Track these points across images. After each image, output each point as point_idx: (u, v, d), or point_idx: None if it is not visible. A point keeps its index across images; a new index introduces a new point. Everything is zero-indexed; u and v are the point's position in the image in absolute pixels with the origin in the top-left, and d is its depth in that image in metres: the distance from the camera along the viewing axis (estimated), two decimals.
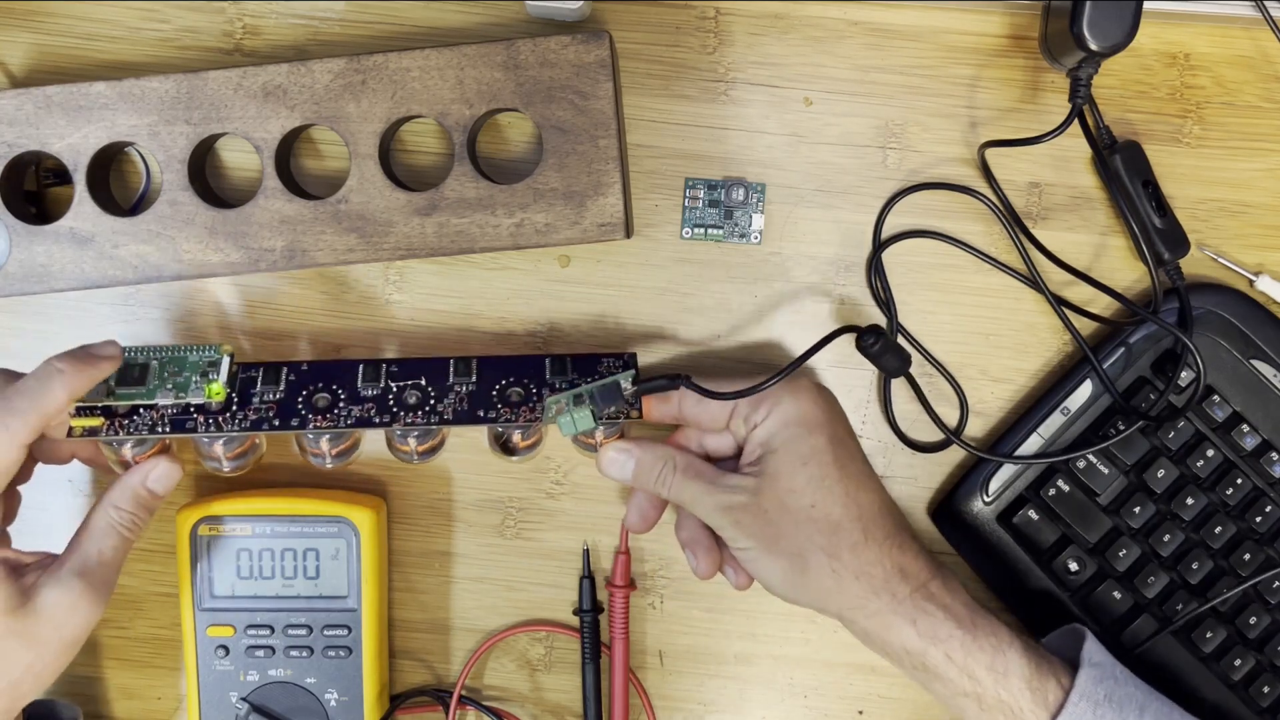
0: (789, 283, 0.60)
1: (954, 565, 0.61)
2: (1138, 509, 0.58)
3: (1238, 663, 0.58)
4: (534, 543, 0.61)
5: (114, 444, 0.53)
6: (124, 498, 0.52)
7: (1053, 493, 0.59)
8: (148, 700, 0.62)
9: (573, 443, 0.56)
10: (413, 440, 0.55)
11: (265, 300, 0.60)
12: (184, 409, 0.54)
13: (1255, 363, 0.59)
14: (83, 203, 0.56)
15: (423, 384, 0.55)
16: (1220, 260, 0.60)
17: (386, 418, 0.54)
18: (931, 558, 0.53)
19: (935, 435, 0.60)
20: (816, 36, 0.60)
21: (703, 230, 0.60)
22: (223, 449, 0.55)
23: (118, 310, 0.60)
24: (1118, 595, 0.58)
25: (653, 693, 0.62)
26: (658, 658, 0.62)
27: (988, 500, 0.59)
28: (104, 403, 0.53)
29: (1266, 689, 0.58)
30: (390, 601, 0.61)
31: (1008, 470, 0.59)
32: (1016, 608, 0.60)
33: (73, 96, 0.56)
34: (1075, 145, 0.59)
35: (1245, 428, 0.58)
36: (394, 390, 0.55)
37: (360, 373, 0.55)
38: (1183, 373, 0.58)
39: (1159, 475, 0.58)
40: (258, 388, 0.55)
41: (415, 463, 0.56)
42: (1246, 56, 0.60)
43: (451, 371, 0.56)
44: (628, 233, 0.56)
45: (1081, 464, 0.58)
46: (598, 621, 0.60)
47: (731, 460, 0.56)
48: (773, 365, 0.60)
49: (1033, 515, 0.59)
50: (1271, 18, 0.57)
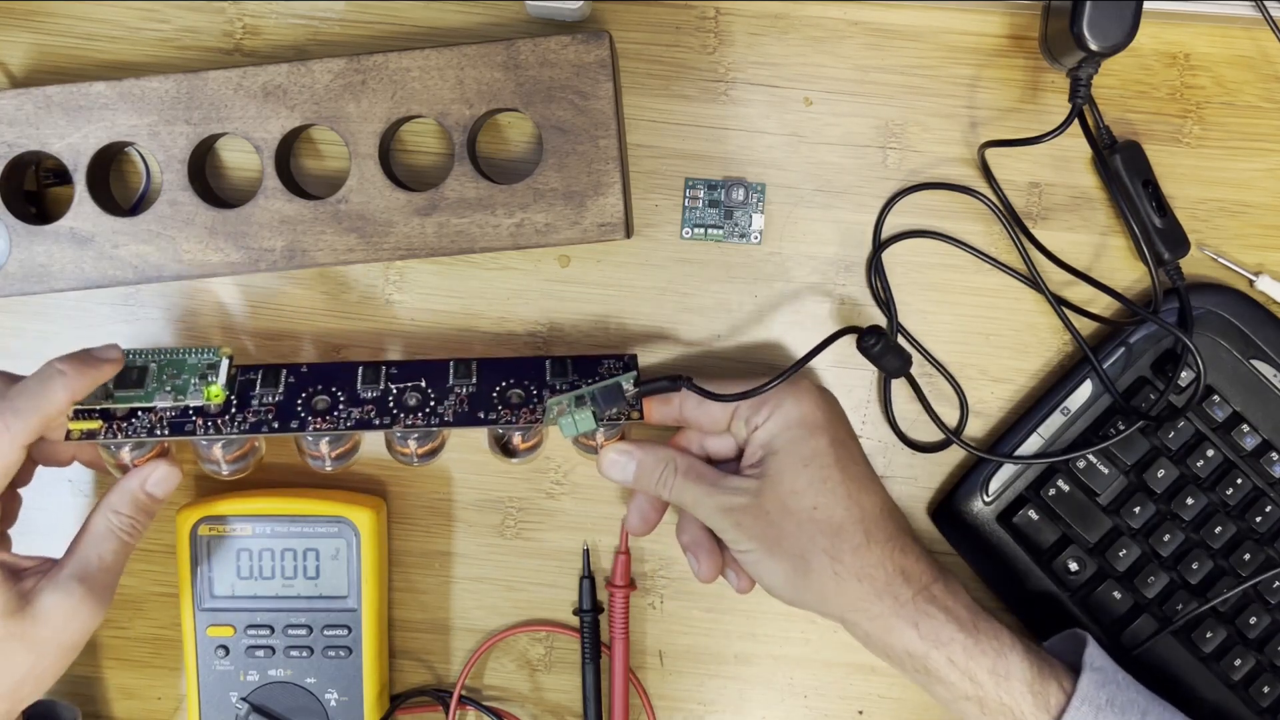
0: (789, 283, 0.60)
1: (954, 565, 0.61)
2: (1138, 509, 0.58)
3: (1238, 663, 0.58)
4: (534, 543, 0.61)
5: (112, 447, 0.53)
6: (123, 502, 0.52)
7: (1053, 493, 0.59)
8: (148, 700, 0.62)
9: (573, 444, 0.56)
10: (413, 443, 0.55)
11: (265, 300, 0.60)
12: (182, 411, 0.54)
13: (1255, 363, 0.59)
14: (83, 203, 0.56)
15: (422, 386, 0.55)
16: (1220, 260, 0.60)
17: (386, 420, 0.54)
18: (933, 560, 0.53)
19: (935, 435, 0.60)
20: (816, 36, 0.60)
21: (703, 230, 0.60)
22: (221, 452, 0.55)
23: (118, 310, 0.60)
24: (1118, 595, 0.58)
25: (653, 693, 0.62)
26: (658, 658, 0.62)
27: (988, 500, 0.59)
28: (102, 405, 0.53)
29: (1266, 689, 0.58)
30: (390, 601, 0.61)
31: (1008, 470, 0.59)
32: (1016, 608, 0.60)
33: (73, 96, 0.56)
34: (1075, 145, 0.59)
35: (1245, 428, 0.58)
36: (394, 392, 0.55)
37: (360, 375, 0.55)
38: (1183, 373, 0.58)
39: (1159, 475, 0.58)
40: (256, 390, 0.55)
41: (416, 465, 0.56)
42: (1246, 56, 0.60)
43: (451, 373, 0.55)
44: (628, 233, 0.56)
45: (1081, 464, 0.58)
46: (598, 621, 0.60)
47: (733, 462, 0.56)
48: (773, 365, 0.60)
49: (1033, 515, 0.59)
50: (1271, 18, 0.57)
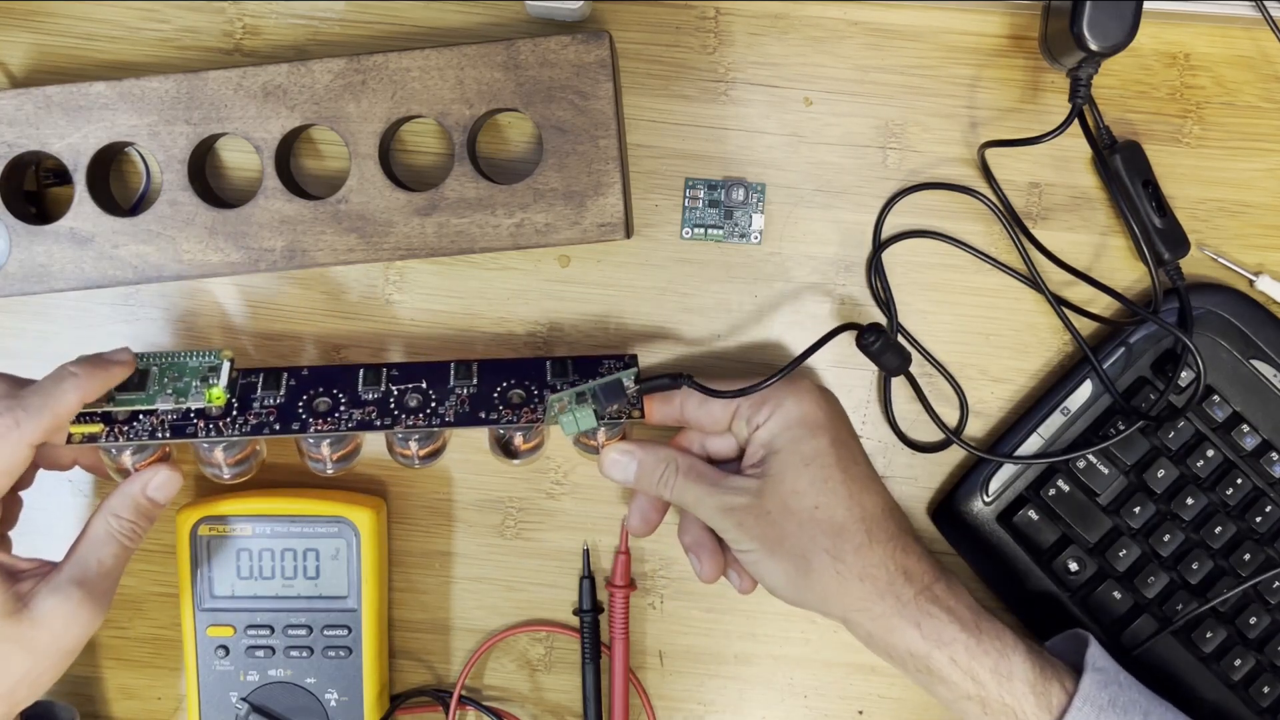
0: (789, 283, 0.60)
1: (954, 565, 0.61)
2: (1138, 509, 0.58)
3: (1238, 663, 0.58)
4: (534, 543, 0.61)
5: (113, 451, 0.53)
6: (124, 506, 0.52)
7: (1053, 493, 0.59)
8: (148, 700, 0.62)
9: (574, 444, 0.56)
10: (414, 444, 0.55)
11: (265, 300, 0.60)
12: (184, 415, 0.54)
13: (1255, 363, 0.59)
14: (83, 203, 0.56)
15: (423, 387, 0.55)
16: (1220, 260, 0.60)
17: (387, 420, 0.54)
18: (935, 560, 0.53)
19: (935, 435, 0.60)
20: (816, 36, 0.60)
21: (703, 230, 0.60)
22: (223, 455, 0.54)
23: (118, 310, 0.60)
24: (1118, 595, 0.58)
25: (653, 693, 0.62)
26: (658, 658, 0.62)
27: (988, 500, 0.59)
28: (104, 409, 0.53)
29: (1266, 689, 0.58)
30: (390, 601, 0.61)
31: (1008, 470, 0.59)
32: (1017, 608, 0.60)
33: (73, 96, 0.56)
34: (1075, 145, 0.59)
35: (1245, 428, 0.58)
36: (395, 394, 0.55)
37: (360, 377, 0.55)
38: (1183, 373, 0.58)
39: (1159, 475, 0.58)
40: (258, 393, 0.55)
41: (417, 467, 0.56)
42: (1246, 56, 0.60)
43: (452, 375, 0.55)
44: (628, 233, 0.56)
45: (1081, 464, 0.58)
46: (598, 621, 0.60)
47: (734, 463, 0.56)
48: (773, 365, 0.60)
49: (1033, 515, 0.59)
50: (1271, 18, 0.57)
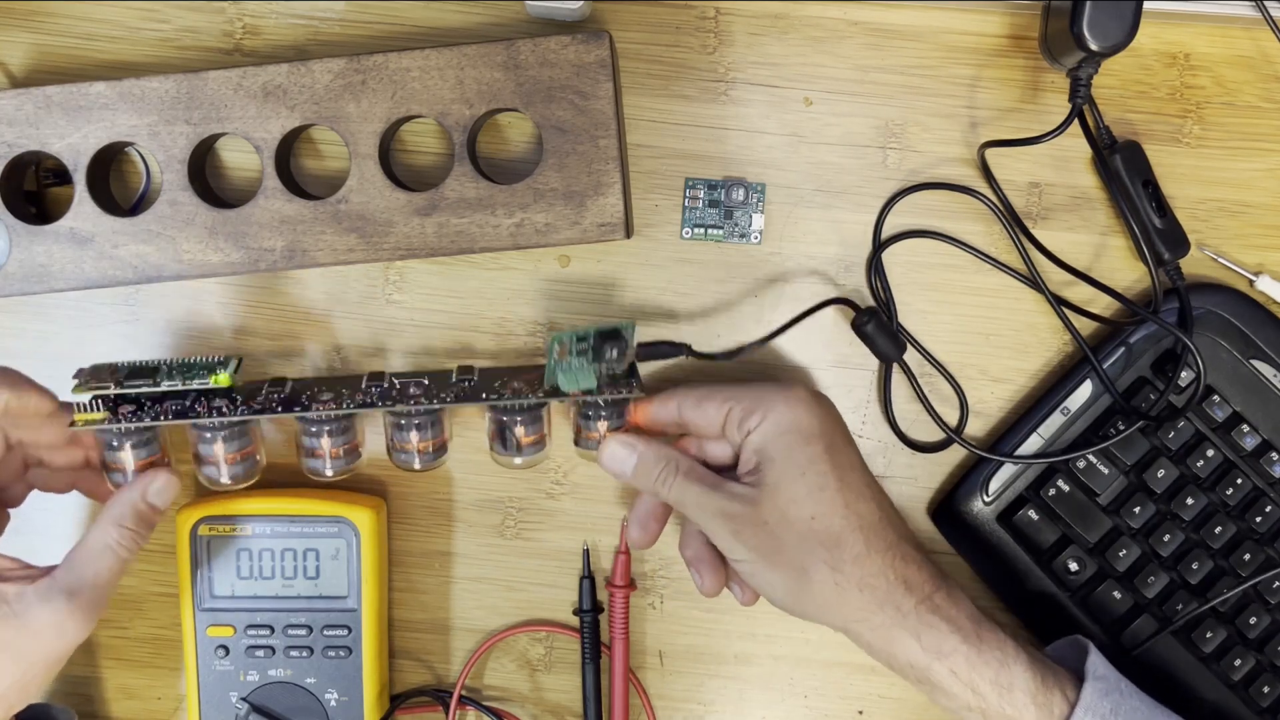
0: (789, 283, 0.60)
1: (954, 566, 0.61)
2: (1138, 509, 0.58)
3: (1238, 663, 0.58)
4: (534, 543, 0.61)
5: (114, 443, 0.53)
6: (124, 514, 0.52)
7: (1053, 493, 0.59)
8: (148, 700, 0.62)
9: (575, 446, 0.57)
10: (414, 435, 0.55)
11: (265, 300, 0.60)
12: (189, 400, 0.54)
13: (1255, 363, 0.59)
14: (83, 203, 0.56)
15: (424, 381, 0.56)
16: (1220, 260, 0.60)
17: (389, 402, 0.54)
18: (935, 567, 0.52)
19: (935, 435, 0.60)
20: (816, 36, 0.60)
21: (703, 230, 0.60)
22: (223, 448, 0.55)
23: (118, 310, 0.60)
24: (1118, 595, 0.58)
25: (653, 693, 0.62)
26: (658, 658, 0.62)
27: (988, 500, 0.59)
28: (112, 391, 0.53)
29: (1266, 689, 0.58)
30: (390, 601, 0.61)
31: (1008, 470, 0.59)
32: (1016, 608, 0.60)
33: (73, 96, 0.56)
34: (1075, 145, 0.59)
35: (1245, 428, 0.58)
36: (396, 385, 0.55)
37: (365, 378, 0.56)
38: (1183, 373, 0.58)
39: (1159, 475, 0.58)
40: (264, 390, 0.55)
41: (417, 468, 0.56)
42: (1246, 56, 0.60)
43: (455, 373, 0.56)
44: (628, 233, 0.56)
45: (1081, 464, 0.58)
46: (598, 621, 0.60)
47: (730, 470, 0.55)
48: (772, 365, 0.60)
49: (1033, 515, 0.59)
50: (1271, 18, 0.57)
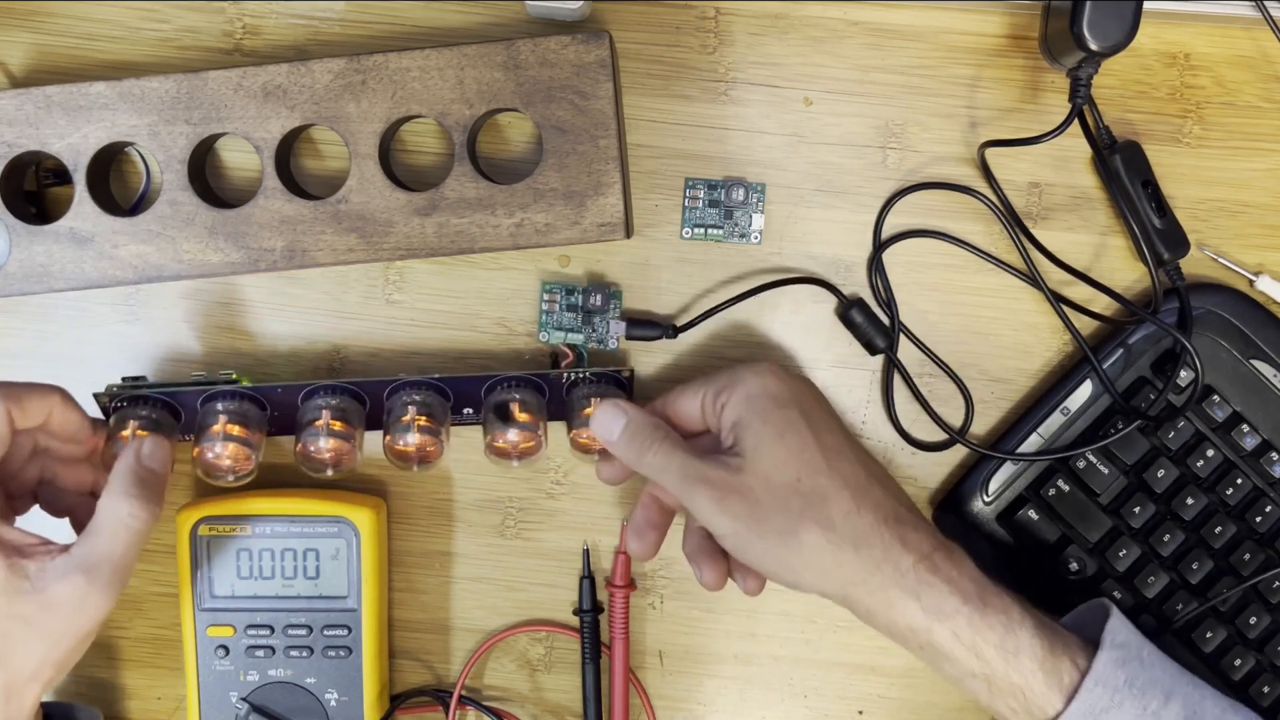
0: (791, 283, 0.60)
1: None
2: (1138, 509, 0.58)
3: (1238, 663, 0.58)
4: (534, 543, 0.61)
5: (124, 413, 0.55)
6: (126, 482, 0.51)
7: (1053, 492, 0.59)
8: (148, 700, 0.62)
9: (571, 448, 0.57)
10: (413, 437, 0.55)
11: (265, 300, 0.60)
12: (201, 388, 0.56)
13: (1255, 363, 0.59)
14: (83, 203, 0.56)
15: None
16: (1220, 260, 0.60)
17: (389, 381, 0.56)
18: (935, 529, 0.51)
19: (935, 434, 0.60)
20: (816, 36, 0.60)
21: (703, 230, 0.60)
22: (224, 418, 0.55)
23: (118, 310, 0.60)
24: (1118, 595, 0.58)
25: (653, 693, 0.62)
26: (658, 658, 0.62)
27: (988, 500, 0.59)
28: (134, 394, 0.55)
29: (1266, 689, 0.58)
30: (390, 601, 0.61)
31: (1008, 470, 0.59)
32: None
33: (73, 96, 0.56)
34: (1075, 145, 0.59)
35: (1245, 428, 0.58)
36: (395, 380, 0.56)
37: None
38: (1182, 373, 0.58)
39: (1159, 475, 0.58)
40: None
41: (415, 470, 0.56)
42: (1246, 56, 0.60)
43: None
44: (628, 233, 0.56)
45: (1081, 464, 0.58)
46: (598, 621, 0.60)
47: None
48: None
49: (1033, 515, 0.59)
50: (1271, 18, 0.57)
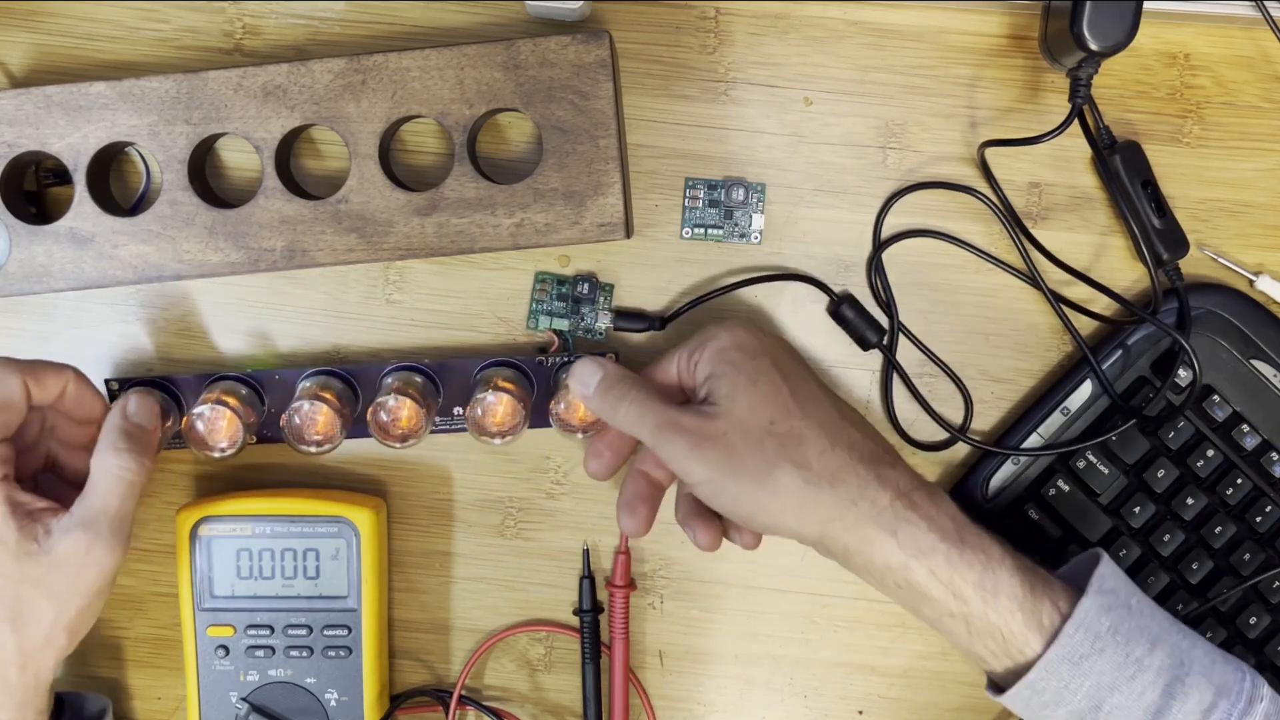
0: (789, 283, 0.60)
1: None
2: (1138, 509, 0.58)
3: None
4: (534, 543, 0.61)
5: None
6: (114, 438, 0.53)
7: (1053, 492, 0.59)
8: (148, 700, 0.62)
9: (555, 428, 0.56)
10: (404, 411, 0.55)
11: (265, 300, 0.60)
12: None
13: (1255, 363, 0.59)
14: (83, 203, 0.56)
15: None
16: (1220, 260, 0.60)
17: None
18: (913, 471, 0.50)
19: (935, 434, 0.60)
20: (816, 36, 0.60)
21: (703, 230, 0.60)
22: (218, 391, 0.56)
23: (118, 310, 0.60)
24: None
25: (653, 693, 0.62)
26: (658, 658, 0.62)
27: (988, 500, 0.59)
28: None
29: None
30: (390, 601, 0.61)
31: (1008, 470, 0.59)
32: None
33: (73, 96, 0.56)
34: (1075, 145, 0.59)
35: (1245, 428, 0.58)
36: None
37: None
38: (1181, 372, 0.58)
39: (1159, 475, 0.58)
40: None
41: (398, 447, 0.56)
42: (1246, 56, 0.60)
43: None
44: (628, 233, 0.56)
45: (1081, 464, 0.58)
46: (598, 621, 0.60)
47: None
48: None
49: (1033, 515, 0.59)
50: (1271, 18, 0.57)
